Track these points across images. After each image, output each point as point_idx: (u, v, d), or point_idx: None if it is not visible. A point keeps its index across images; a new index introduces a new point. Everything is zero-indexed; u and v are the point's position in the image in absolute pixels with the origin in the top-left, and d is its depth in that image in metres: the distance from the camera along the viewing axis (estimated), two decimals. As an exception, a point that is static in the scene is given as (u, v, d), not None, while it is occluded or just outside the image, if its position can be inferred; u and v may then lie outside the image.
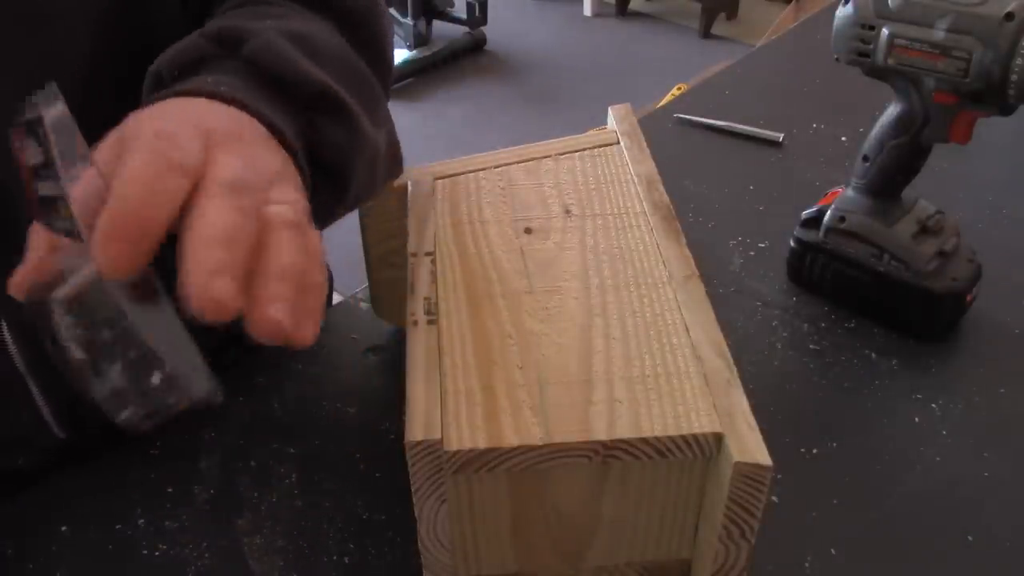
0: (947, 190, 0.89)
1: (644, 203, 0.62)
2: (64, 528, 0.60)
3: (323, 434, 0.66)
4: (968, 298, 0.74)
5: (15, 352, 0.54)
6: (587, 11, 3.85)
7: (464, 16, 3.43)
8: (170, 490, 0.62)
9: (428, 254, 0.57)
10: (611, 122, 0.71)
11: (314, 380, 0.71)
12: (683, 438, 0.45)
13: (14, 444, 0.63)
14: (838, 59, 0.70)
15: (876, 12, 0.66)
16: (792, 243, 0.79)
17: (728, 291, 0.80)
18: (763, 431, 0.45)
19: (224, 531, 0.60)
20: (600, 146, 0.68)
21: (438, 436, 0.44)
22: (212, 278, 0.33)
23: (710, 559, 0.48)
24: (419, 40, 3.35)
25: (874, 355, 0.73)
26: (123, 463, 0.65)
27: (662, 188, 0.63)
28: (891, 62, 0.67)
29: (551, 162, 0.66)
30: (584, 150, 0.68)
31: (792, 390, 0.71)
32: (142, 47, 0.51)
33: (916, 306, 0.73)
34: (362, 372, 0.71)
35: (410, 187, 0.64)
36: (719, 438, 0.45)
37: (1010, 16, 0.60)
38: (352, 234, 0.71)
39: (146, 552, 0.58)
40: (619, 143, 0.68)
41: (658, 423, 0.46)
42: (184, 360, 0.35)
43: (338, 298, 0.90)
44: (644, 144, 0.68)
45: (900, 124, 0.70)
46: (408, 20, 3.32)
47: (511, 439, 0.45)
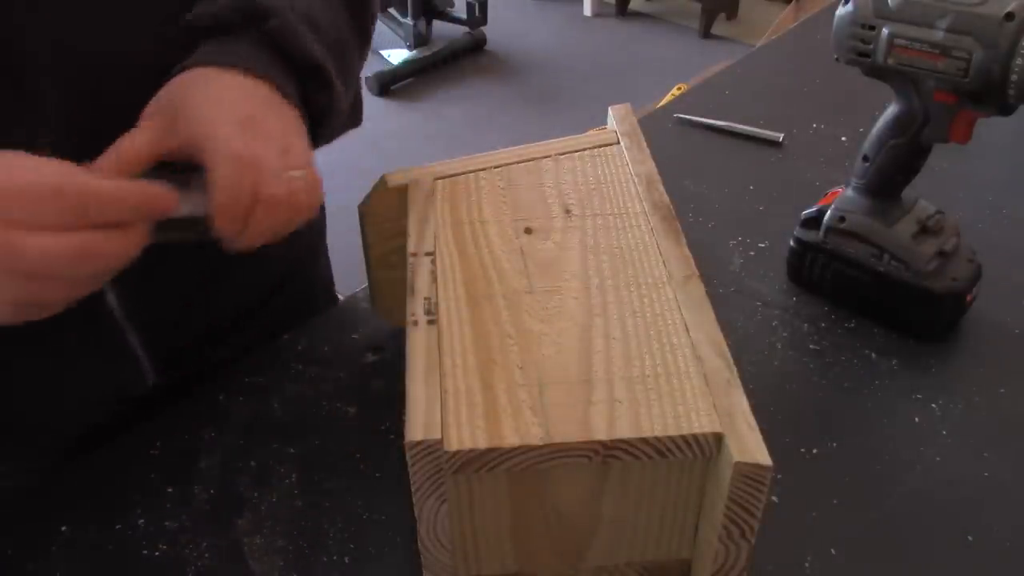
0: (947, 190, 0.89)
1: (644, 203, 0.62)
2: (64, 528, 0.60)
3: (323, 434, 0.66)
4: (968, 298, 0.74)
5: (116, 306, 0.64)
6: (587, 11, 3.85)
7: (464, 16, 3.43)
8: (170, 490, 0.62)
9: (428, 254, 0.57)
10: (611, 122, 0.71)
11: (314, 380, 0.71)
12: (683, 438, 0.45)
13: (110, 396, 0.70)
14: (838, 59, 0.70)
15: (876, 12, 0.66)
16: (792, 243, 0.79)
17: (728, 291, 0.80)
18: (763, 431, 0.45)
19: (224, 531, 0.60)
20: (600, 146, 0.68)
21: (438, 436, 0.44)
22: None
23: (710, 559, 0.48)
24: (419, 40, 3.35)
25: (874, 355, 0.73)
26: (123, 463, 0.65)
27: (662, 188, 0.63)
28: (891, 62, 0.67)
29: (551, 162, 0.66)
30: (584, 150, 0.68)
31: (792, 390, 0.71)
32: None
33: (916, 306, 0.73)
34: (362, 372, 0.71)
35: (410, 187, 0.64)
36: (719, 438, 0.45)
37: (1010, 16, 0.60)
38: (352, 234, 0.71)
39: (146, 552, 0.58)
40: (619, 143, 0.68)
41: (658, 423, 0.46)
42: None
43: (338, 298, 0.90)
44: (644, 144, 0.68)
45: (900, 124, 0.70)
46: (408, 20, 3.31)
47: (511, 439, 0.45)
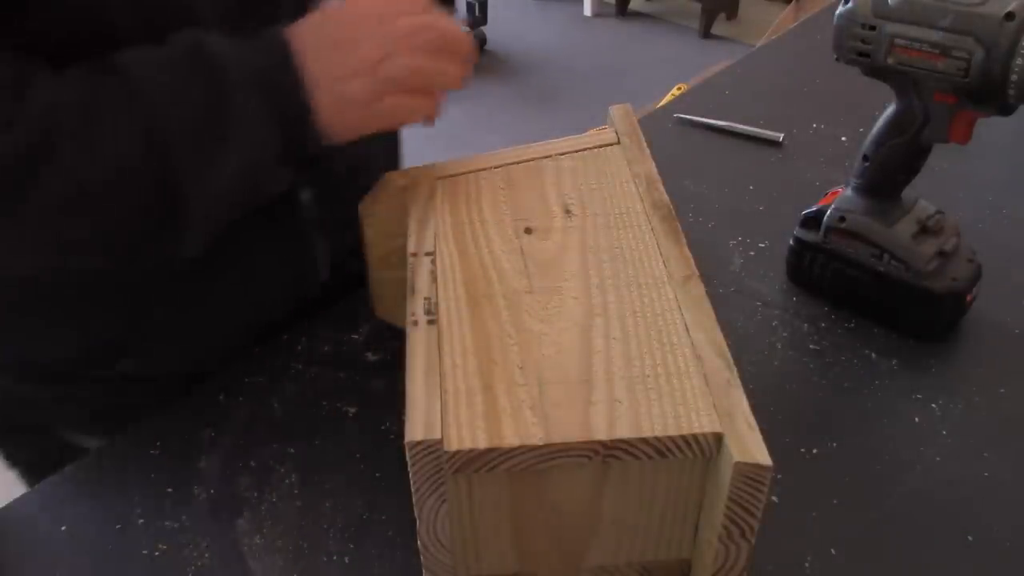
0: (947, 190, 0.89)
1: (644, 203, 0.62)
2: (64, 528, 0.60)
3: (323, 434, 0.66)
4: (968, 298, 0.74)
5: (309, 205, 0.70)
6: (587, 11, 3.85)
7: (464, 16, 3.43)
8: (170, 490, 0.62)
9: (428, 254, 0.57)
10: (611, 122, 0.71)
11: (314, 380, 0.71)
12: (683, 438, 0.45)
13: (290, 293, 0.75)
14: (838, 59, 0.70)
15: (876, 12, 0.66)
16: (792, 243, 0.79)
17: (728, 291, 0.80)
18: (763, 431, 0.45)
19: (224, 531, 0.60)
20: (600, 146, 0.68)
21: (438, 436, 0.44)
22: None
23: (710, 559, 0.48)
24: (419, 40, 3.35)
25: (874, 355, 0.73)
26: (123, 463, 0.65)
27: (662, 188, 0.63)
28: (891, 62, 0.67)
29: (551, 162, 0.66)
30: (584, 150, 0.68)
31: (792, 390, 0.71)
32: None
33: (916, 306, 0.73)
34: (362, 372, 0.71)
35: (410, 187, 0.64)
36: (719, 438, 0.45)
37: (1010, 16, 0.60)
38: (352, 234, 0.71)
39: (146, 552, 0.58)
40: (619, 143, 0.68)
41: (658, 423, 0.45)
42: None
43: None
44: (644, 144, 0.68)
45: (900, 124, 0.70)
46: (408, 20, 3.32)
47: (511, 439, 0.45)
